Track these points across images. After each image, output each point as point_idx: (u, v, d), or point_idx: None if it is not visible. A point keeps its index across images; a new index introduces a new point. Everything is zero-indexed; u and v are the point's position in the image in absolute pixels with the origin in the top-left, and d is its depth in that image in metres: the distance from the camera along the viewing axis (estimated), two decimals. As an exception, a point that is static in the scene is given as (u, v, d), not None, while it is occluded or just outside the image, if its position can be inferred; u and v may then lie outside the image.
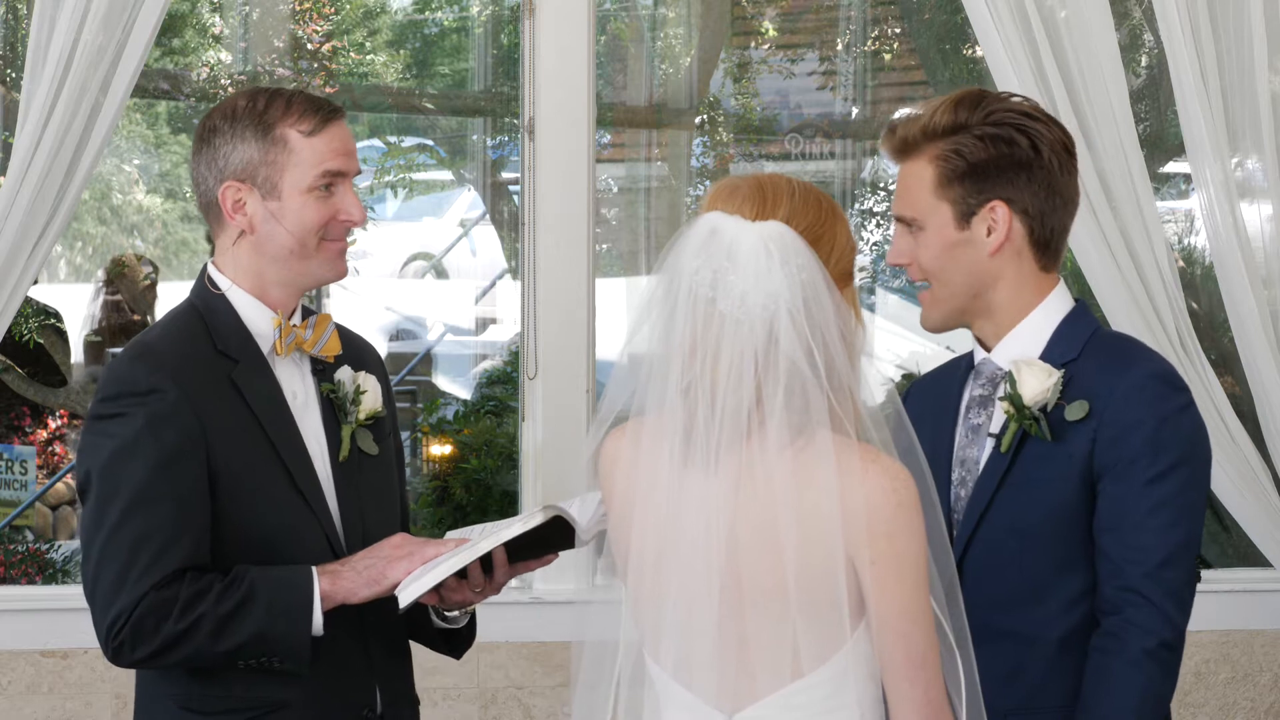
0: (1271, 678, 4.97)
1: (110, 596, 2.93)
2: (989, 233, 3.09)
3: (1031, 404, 3.04)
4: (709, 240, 2.50)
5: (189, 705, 3.02)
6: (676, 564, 2.50)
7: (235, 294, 3.08)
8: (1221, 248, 4.75)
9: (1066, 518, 3.04)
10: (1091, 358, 3.09)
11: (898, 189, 3.15)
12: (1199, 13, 4.70)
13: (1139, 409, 3.02)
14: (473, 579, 3.00)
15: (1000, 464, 3.07)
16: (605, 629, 2.61)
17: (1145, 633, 2.96)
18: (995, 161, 3.08)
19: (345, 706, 3.06)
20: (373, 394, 3.14)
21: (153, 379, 2.96)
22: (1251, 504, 4.80)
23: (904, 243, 3.13)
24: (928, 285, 3.13)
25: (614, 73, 7.51)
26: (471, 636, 3.24)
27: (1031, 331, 3.12)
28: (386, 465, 3.19)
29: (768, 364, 2.46)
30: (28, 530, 6.79)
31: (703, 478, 2.49)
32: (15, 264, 4.47)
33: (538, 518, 2.92)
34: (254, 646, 2.93)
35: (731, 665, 2.50)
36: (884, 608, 2.47)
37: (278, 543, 3.00)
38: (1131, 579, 2.98)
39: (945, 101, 3.12)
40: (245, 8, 7.77)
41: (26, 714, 4.70)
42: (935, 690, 2.49)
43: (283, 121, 3.04)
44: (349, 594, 2.95)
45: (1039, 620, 3.04)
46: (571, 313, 4.87)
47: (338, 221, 3.07)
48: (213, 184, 3.06)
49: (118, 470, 2.95)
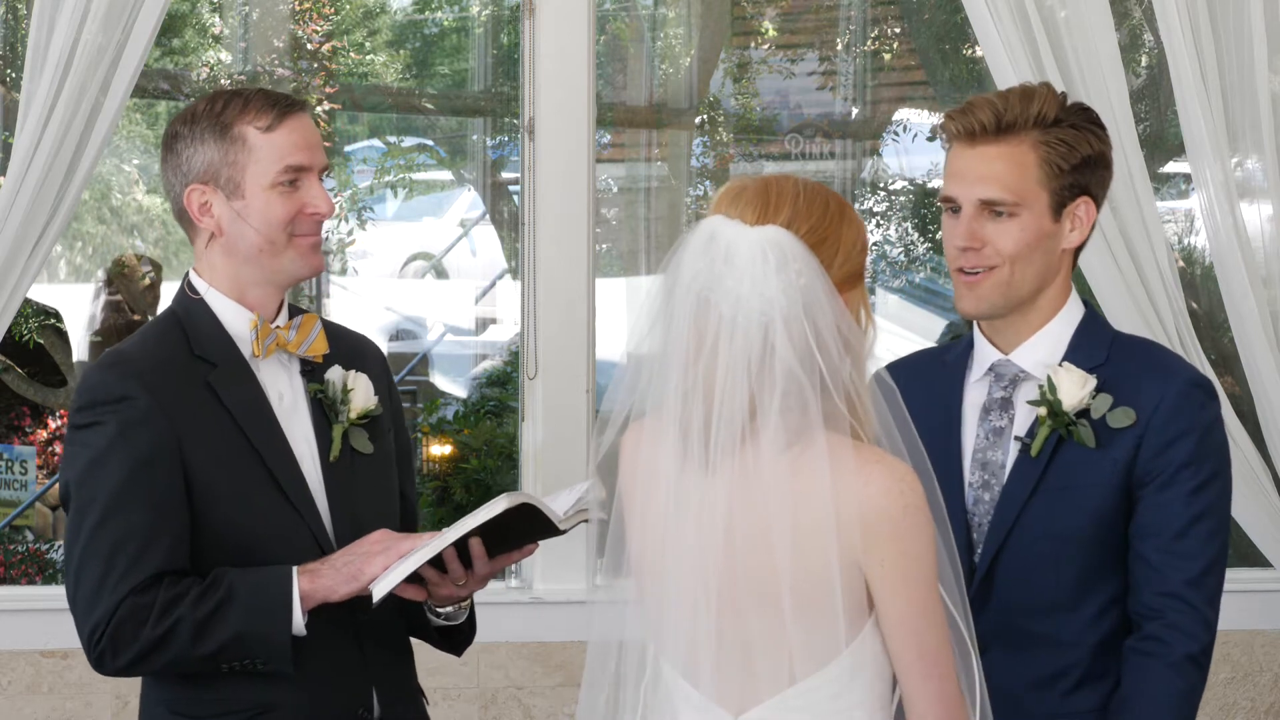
0: (1271, 678, 4.97)
1: (89, 604, 2.93)
2: (1072, 228, 3.08)
3: (1070, 410, 3.03)
4: (708, 244, 2.49)
5: (179, 710, 3.02)
6: (677, 565, 2.51)
7: (213, 297, 3.08)
8: (1221, 248, 4.75)
9: (1104, 523, 3.04)
10: (1121, 362, 3.09)
11: (976, 171, 3.05)
12: (1199, 13, 4.70)
13: (1186, 418, 3.03)
14: (453, 572, 2.98)
15: (1033, 469, 3.05)
16: (612, 629, 2.61)
17: (1189, 638, 2.99)
18: (1097, 158, 3.07)
19: (339, 707, 3.05)
20: (363, 392, 3.12)
21: (123, 386, 2.96)
22: (1251, 504, 4.80)
23: (980, 226, 3.05)
24: (980, 270, 3.06)
25: (614, 73, 7.50)
26: (472, 633, 3.23)
27: (1055, 334, 3.11)
28: (384, 463, 3.17)
29: (763, 370, 2.46)
30: (28, 530, 6.80)
31: (701, 480, 2.49)
32: (15, 264, 4.47)
33: (501, 504, 2.92)
34: (234, 648, 2.93)
35: (734, 667, 2.51)
36: (896, 608, 2.48)
37: (264, 546, 2.99)
38: (1174, 585, 2.99)
39: (1044, 90, 3.07)
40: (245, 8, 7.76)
41: (26, 714, 4.70)
42: (951, 684, 2.51)
43: (240, 120, 3.03)
44: (329, 591, 2.94)
45: (1075, 625, 3.05)
46: (571, 313, 4.87)
47: (305, 215, 3.06)
48: (179, 189, 3.06)
49: (93, 479, 2.95)
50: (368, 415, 3.13)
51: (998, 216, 3.04)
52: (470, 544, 2.96)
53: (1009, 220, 3.04)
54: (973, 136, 3.06)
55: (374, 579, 2.92)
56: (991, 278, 3.06)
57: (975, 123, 3.05)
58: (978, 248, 3.06)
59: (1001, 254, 3.05)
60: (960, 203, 3.07)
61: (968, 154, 3.06)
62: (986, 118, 3.04)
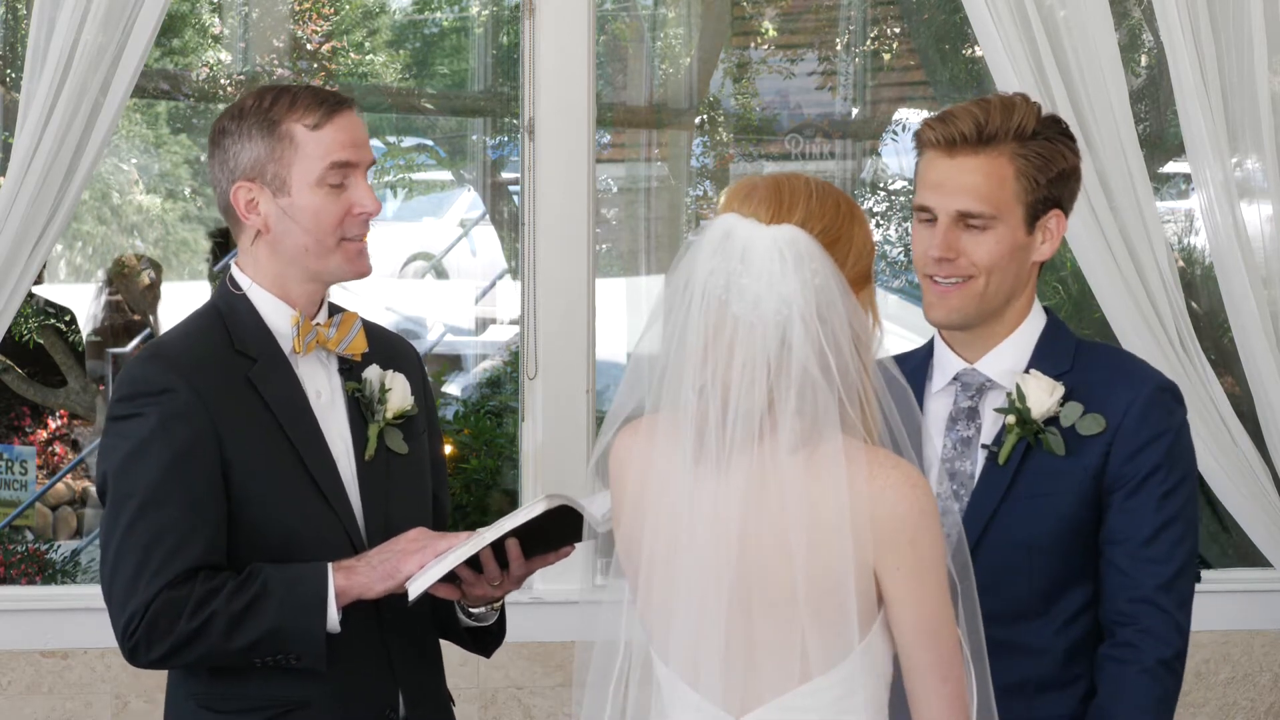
0: (1271, 678, 4.97)
1: (125, 596, 2.93)
2: (1043, 240, 3.07)
3: (1038, 418, 3.02)
4: (723, 243, 2.49)
5: (208, 704, 3.02)
6: (687, 564, 2.50)
7: (256, 293, 3.08)
8: (1221, 248, 4.75)
9: (1074, 531, 3.03)
10: (1087, 370, 3.08)
11: (954, 182, 3.03)
12: (1199, 13, 4.70)
13: (1155, 424, 3.02)
14: (488, 572, 2.98)
15: (1001, 477, 3.05)
16: (611, 629, 2.61)
17: (1162, 643, 2.98)
18: (1070, 171, 3.07)
19: (366, 706, 3.05)
20: (400, 392, 3.12)
21: (165, 379, 2.96)
22: (1251, 504, 4.80)
23: (956, 237, 3.03)
24: (954, 280, 3.05)
25: (614, 73, 7.51)
26: (502, 634, 3.23)
27: (1019, 343, 3.11)
28: (418, 464, 3.16)
29: (780, 369, 2.46)
30: (28, 530, 6.80)
31: (715, 479, 2.49)
32: (15, 264, 4.47)
33: (540, 505, 2.92)
34: (269, 643, 2.92)
35: (739, 667, 2.50)
36: (911, 611, 2.48)
37: (297, 541, 2.99)
38: (1146, 590, 2.99)
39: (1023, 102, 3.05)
40: (245, 8, 7.77)
41: (26, 714, 4.70)
42: (962, 686, 2.52)
43: (288, 117, 3.03)
44: (364, 589, 2.94)
45: (1046, 632, 3.04)
46: (571, 313, 4.87)
47: (353, 216, 3.06)
48: (226, 185, 3.06)
49: (131, 471, 2.95)
50: (404, 415, 3.13)
51: (973, 228, 3.03)
52: (507, 545, 2.96)
53: (984, 232, 3.03)
54: (952, 146, 3.03)
55: (409, 577, 2.92)
56: (966, 289, 3.05)
57: (956, 132, 3.02)
58: (953, 258, 3.04)
59: (977, 265, 3.03)
60: (936, 213, 3.05)
61: (945, 164, 3.04)
62: (968, 128, 3.01)
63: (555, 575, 4.68)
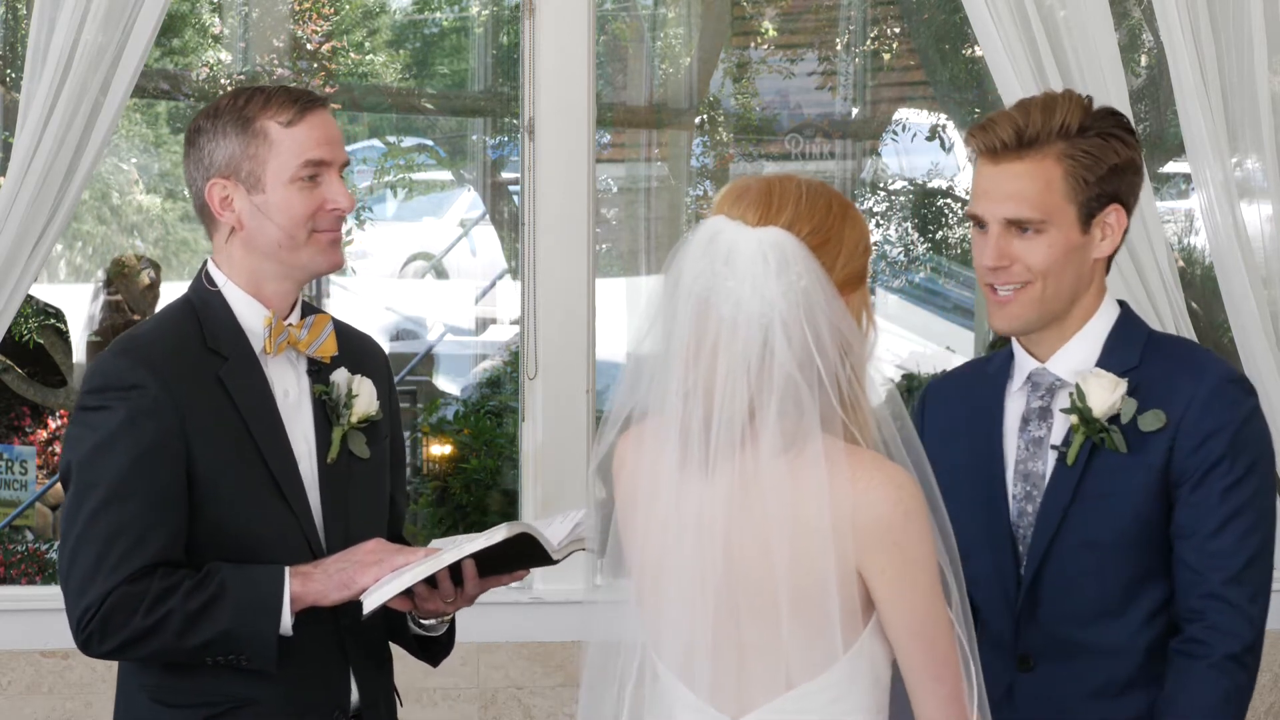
0: (1271, 678, 4.97)
1: (82, 588, 2.95)
2: (1103, 237, 3.05)
3: (1101, 416, 3.00)
4: (709, 245, 2.48)
5: (159, 697, 3.04)
6: (675, 569, 2.50)
7: (230, 290, 3.09)
8: (1221, 248, 4.74)
9: (1145, 528, 3.01)
10: (1155, 364, 3.06)
11: (1000, 190, 3.01)
12: (1199, 13, 4.69)
13: (1218, 415, 2.99)
14: (443, 589, 3.01)
15: (1069, 478, 3.03)
16: (612, 629, 2.61)
17: (1231, 638, 2.96)
18: (1126, 165, 3.03)
19: (316, 705, 3.07)
20: (366, 398, 3.13)
21: (135, 374, 2.97)
22: (1251, 504, 4.80)
23: (1008, 244, 3.01)
24: (1012, 288, 3.03)
25: (614, 73, 7.51)
26: (450, 645, 3.25)
27: (1089, 339, 3.08)
28: (378, 469, 3.18)
29: (762, 372, 2.45)
30: (28, 530, 6.80)
31: (700, 484, 2.49)
32: (15, 264, 4.47)
33: (501, 533, 2.94)
34: (221, 644, 2.94)
35: (731, 671, 2.50)
36: (901, 614, 2.47)
37: (256, 542, 3.00)
38: (1214, 586, 2.97)
39: (1066, 99, 3.03)
40: (245, 8, 7.77)
41: (26, 714, 4.71)
42: (959, 688, 2.50)
43: (262, 114, 3.05)
44: (319, 596, 2.96)
45: (1125, 632, 3.02)
46: (571, 313, 4.87)
47: (325, 211, 3.07)
48: (201, 183, 3.08)
49: (96, 463, 2.96)
50: (368, 420, 3.14)
51: (1025, 233, 3.00)
52: (464, 565, 2.98)
53: (1037, 236, 3.00)
54: (995, 153, 3.01)
55: (365, 589, 2.94)
56: (1024, 295, 3.03)
57: (996, 139, 3.00)
58: (1006, 265, 3.02)
59: (1032, 270, 3.01)
60: (986, 221, 3.03)
61: (992, 171, 3.02)
62: (1007, 134, 2.99)
63: (555, 575, 4.68)
